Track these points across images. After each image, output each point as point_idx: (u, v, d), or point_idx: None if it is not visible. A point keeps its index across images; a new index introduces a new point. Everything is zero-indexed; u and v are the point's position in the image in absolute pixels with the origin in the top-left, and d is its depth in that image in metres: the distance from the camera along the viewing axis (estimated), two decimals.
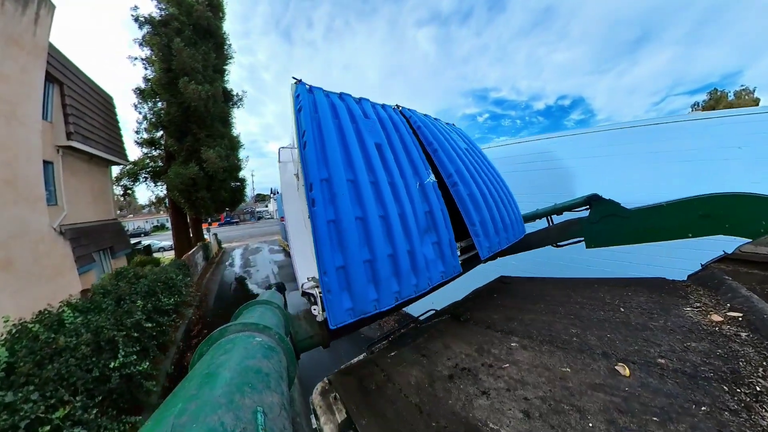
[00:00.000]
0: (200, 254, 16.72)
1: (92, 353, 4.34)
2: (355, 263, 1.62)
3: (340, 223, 1.64)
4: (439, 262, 2.00)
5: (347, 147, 1.92)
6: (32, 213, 8.59)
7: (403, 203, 1.94)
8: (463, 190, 2.31)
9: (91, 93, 13.33)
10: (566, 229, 2.47)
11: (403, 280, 1.78)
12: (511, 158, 5.82)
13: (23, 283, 7.52)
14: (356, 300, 1.61)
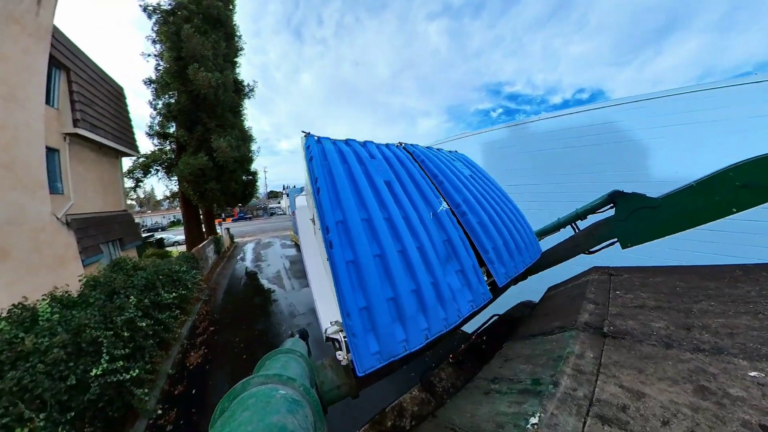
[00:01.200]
0: (211, 248, 16.29)
1: (69, 357, 3.65)
2: (378, 302, 1.57)
3: (359, 262, 1.63)
4: (466, 290, 1.91)
5: (358, 188, 1.95)
6: (32, 200, 8.15)
7: (419, 235, 1.92)
8: (473, 219, 2.29)
9: (100, 81, 12.96)
10: (594, 232, 2.25)
11: (430, 315, 1.69)
12: (562, 132, 4.83)
13: (21, 273, 7.05)
14: (383, 342, 1.51)
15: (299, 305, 9.43)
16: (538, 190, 5.14)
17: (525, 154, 5.31)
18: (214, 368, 6.27)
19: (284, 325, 8.03)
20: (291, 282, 12.16)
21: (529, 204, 5.15)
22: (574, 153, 4.68)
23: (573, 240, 2.41)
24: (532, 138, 5.18)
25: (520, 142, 5.40)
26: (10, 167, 7.65)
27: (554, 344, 1.29)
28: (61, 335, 3.66)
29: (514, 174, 5.47)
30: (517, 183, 5.41)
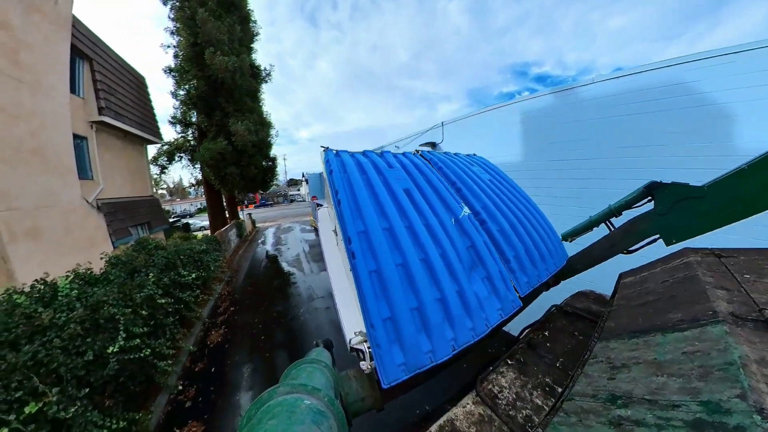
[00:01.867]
0: (233, 231, 16.69)
1: (86, 333, 3.67)
2: (402, 312, 1.54)
3: (382, 272, 1.61)
4: (494, 298, 1.85)
5: (378, 198, 1.96)
6: (62, 184, 8.50)
7: (441, 242, 1.88)
8: (493, 227, 2.23)
9: (121, 71, 13.24)
10: (632, 229, 2.05)
11: (456, 324, 1.62)
12: (621, 97, 4.04)
13: (53, 253, 7.41)
14: (408, 353, 1.47)
15: (318, 288, 9.40)
16: (589, 165, 4.44)
17: (574, 124, 4.58)
18: (232, 348, 6.34)
19: (302, 308, 8.02)
20: (310, 265, 12.20)
21: (579, 183, 4.54)
22: (637, 121, 3.92)
23: (609, 239, 2.20)
24: (583, 105, 4.45)
25: (568, 110, 4.65)
26: (40, 153, 7.95)
27: (697, 344, 0.90)
28: (78, 311, 3.67)
29: (560, 148, 4.79)
30: (565, 158, 4.72)
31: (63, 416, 2.81)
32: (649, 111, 3.77)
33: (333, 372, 1.42)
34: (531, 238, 2.37)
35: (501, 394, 1.32)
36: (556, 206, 4.81)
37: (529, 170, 5.24)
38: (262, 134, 15.23)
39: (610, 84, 4.14)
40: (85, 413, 3.16)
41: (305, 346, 6.17)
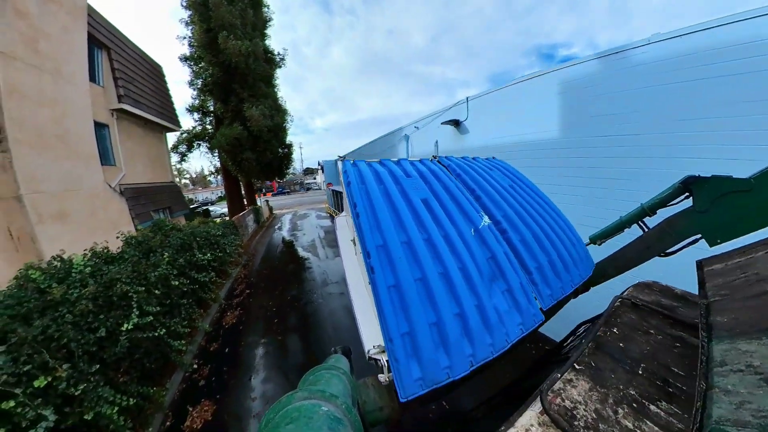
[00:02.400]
0: (251, 217, 16.96)
1: (99, 309, 3.69)
2: (420, 327, 1.52)
3: (401, 286, 1.60)
4: (515, 312, 1.75)
5: (396, 209, 1.94)
6: (86, 169, 8.76)
7: (461, 254, 1.82)
8: (514, 237, 2.12)
9: (139, 60, 13.45)
10: (668, 229, 1.82)
11: (475, 340, 1.57)
12: (682, 60, 3.37)
13: (79, 235, 7.68)
14: (426, 368, 1.46)
15: (332, 274, 9.35)
16: (640, 142, 3.77)
17: (623, 94, 3.91)
18: (246, 329, 6.39)
19: (316, 292, 7.98)
20: (325, 251, 12.19)
21: (627, 163, 3.90)
22: (702, 89, 3.18)
23: (643, 241, 2.03)
24: (635, 72, 3.76)
25: (616, 77, 3.97)
26: (63, 139, 8.18)
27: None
28: (90, 287, 3.69)
29: (604, 122, 4.16)
30: (611, 133, 4.07)
31: (72, 392, 2.80)
32: (719, 75, 3.09)
33: (351, 379, 1.41)
34: (555, 247, 2.22)
35: (576, 412, 0.99)
36: (598, 189, 4.27)
37: (564, 148, 4.69)
38: (277, 119, 15.15)
39: (671, 44, 3.42)
40: (96, 388, 3.17)
41: (318, 330, 6.12)
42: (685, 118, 3.40)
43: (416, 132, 9.24)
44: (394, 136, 11.15)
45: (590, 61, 4.28)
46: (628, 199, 3.80)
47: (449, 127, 7.35)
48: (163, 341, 4.65)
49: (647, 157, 3.76)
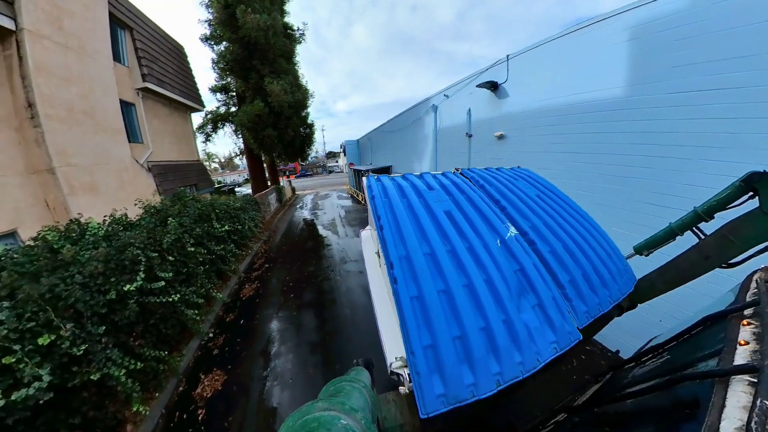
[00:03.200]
0: (273, 195, 17.16)
1: (111, 272, 3.64)
2: (443, 341, 1.44)
3: (424, 298, 1.55)
4: (547, 329, 1.58)
5: (419, 221, 1.94)
6: (113, 144, 9.02)
7: (486, 266, 1.72)
8: (544, 248, 1.97)
9: (161, 40, 13.56)
10: (731, 235, 1.54)
11: (503, 357, 1.45)
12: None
13: (108, 206, 7.93)
14: (449, 384, 1.37)
15: (350, 251, 9.16)
16: (749, 97, 2.78)
17: (724, 34, 2.89)
18: (263, 302, 6.37)
19: (334, 269, 7.82)
20: (345, 229, 12.03)
21: (723, 125, 2.97)
22: None
23: (700, 250, 1.74)
24: (744, 4, 2.74)
25: (713, 14, 2.94)
26: (91, 114, 8.40)
27: None
28: (102, 249, 3.64)
29: (694, 72, 3.15)
30: (703, 86, 3.08)
31: (75, 352, 2.73)
32: None
33: (372, 394, 1.35)
34: (589, 260, 2.02)
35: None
36: (678, 160, 3.34)
37: (633, 108, 3.74)
38: (298, 95, 14.84)
39: None
40: (104, 350, 3.12)
41: (333, 308, 5.94)
42: None
43: (446, 102, 8.52)
44: (420, 108, 10.44)
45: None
46: (721, 173, 2.96)
47: (485, 92, 6.52)
48: (177, 309, 4.66)
49: (748, 119, 2.80)
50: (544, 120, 5.11)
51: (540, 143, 5.26)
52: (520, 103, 5.73)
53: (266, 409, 3.72)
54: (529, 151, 5.58)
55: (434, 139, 9.52)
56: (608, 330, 2.46)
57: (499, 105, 6.30)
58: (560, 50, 4.77)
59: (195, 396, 3.97)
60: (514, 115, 5.88)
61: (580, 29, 4.40)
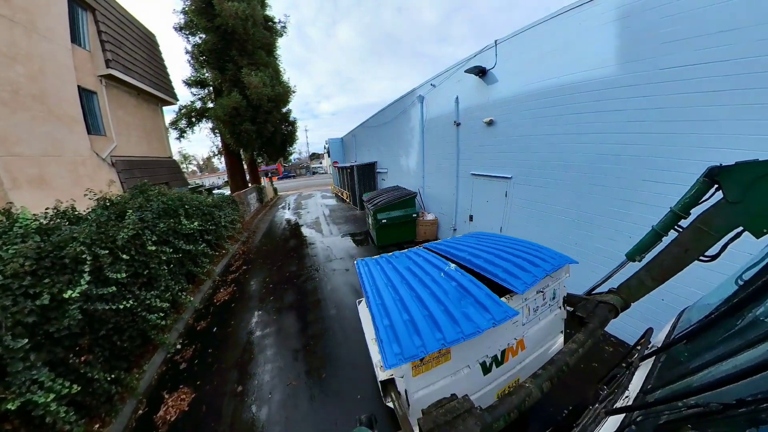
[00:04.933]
0: (254, 195, 16.29)
1: (45, 272, 2.95)
2: (398, 323, 2.15)
3: (385, 304, 2.40)
4: (484, 311, 2.12)
5: (390, 278, 2.86)
6: (69, 134, 8.06)
7: (430, 286, 2.53)
8: (477, 261, 2.84)
9: (128, 25, 12.47)
10: (704, 227, 1.70)
11: (444, 330, 1.98)
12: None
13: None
14: (403, 347, 1.92)
15: (336, 249, 8.60)
16: (735, 69, 2.75)
17: (714, 7, 2.84)
18: (239, 306, 5.71)
19: (318, 268, 7.24)
20: (329, 227, 11.43)
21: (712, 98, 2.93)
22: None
23: (679, 244, 1.83)
24: None
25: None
26: (42, 99, 7.43)
27: None
28: (32, 243, 2.95)
29: (683, 48, 3.09)
30: (692, 61, 3.00)
31: None
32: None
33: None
34: (516, 255, 2.76)
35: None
36: (671, 135, 3.30)
37: (624, 86, 3.65)
38: (279, 90, 14.13)
39: None
40: (29, 370, 2.45)
41: (318, 309, 5.37)
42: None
43: (432, 91, 8.17)
44: (405, 100, 10.06)
45: None
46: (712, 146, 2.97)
47: (472, 79, 6.29)
48: (137, 316, 3.98)
49: (735, 90, 2.77)
50: (535, 103, 4.98)
51: (531, 126, 5.14)
52: (509, 88, 5.55)
53: (241, 431, 3.13)
54: (519, 135, 5.44)
55: (421, 131, 9.18)
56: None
57: (487, 91, 6.07)
58: (548, 33, 4.64)
59: (157, 420, 3.32)
60: (503, 100, 5.71)
61: (568, 11, 4.29)
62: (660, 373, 1.53)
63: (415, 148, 9.91)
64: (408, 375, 1.96)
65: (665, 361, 1.61)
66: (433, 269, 2.81)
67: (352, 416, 3.09)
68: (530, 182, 5.30)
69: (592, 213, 4.25)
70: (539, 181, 5.08)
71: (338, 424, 3.10)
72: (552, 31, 4.56)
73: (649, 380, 1.51)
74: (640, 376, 1.59)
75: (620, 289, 2.12)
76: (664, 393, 1.29)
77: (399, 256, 3.45)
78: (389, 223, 8.39)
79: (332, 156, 23.18)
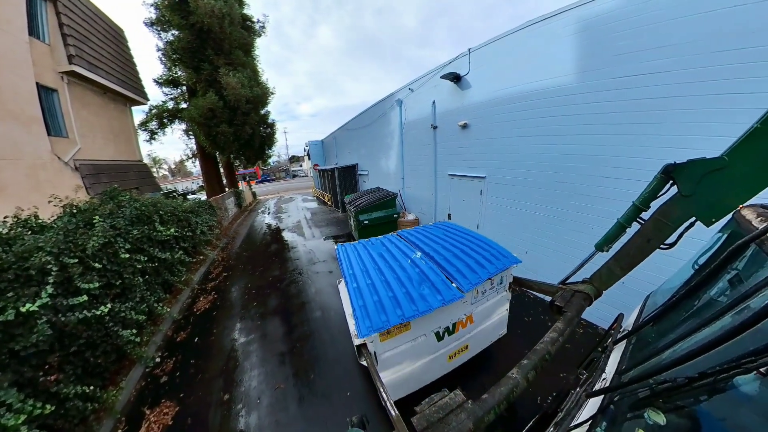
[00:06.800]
0: (231, 200, 15.76)
1: (9, 285, 2.73)
2: (370, 303, 2.67)
3: (360, 288, 2.89)
4: (436, 294, 2.69)
5: (365, 263, 3.38)
6: (27, 135, 7.45)
7: (397, 271, 3.08)
8: (439, 258, 3.27)
9: (94, 18, 11.71)
10: (663, 218, 1.85)
11: (404, 308, 2.55)
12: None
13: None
14: (373, 321, 2.45)
15: (319, 252, 8.51)
16: (672, 79, 3.16)
17: (653, 27, 3.25)
18: (221, 314, 5.51)
19: (301, 272, 7.13)
20: (312, 230, 11.28)
21: (655, 104, 3.34)
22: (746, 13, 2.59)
23: (641, 235, 1.99)
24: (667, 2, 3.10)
25: (643, 8, 3.29)
26: None
27: None
28: None
29: (632, 60, 3.47)
30: (640, 71, 3.39)
31: None
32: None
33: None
34: (469, 256, 3.24)
35: None
36: (618, 136, 3.71)
37: (585, 92, 3.99)
38: (257, 91, 13.80)
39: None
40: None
41: (302, 312, 5.29)
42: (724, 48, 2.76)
43: (411, 95, 8.33)
44: (385, 103, 10.16)
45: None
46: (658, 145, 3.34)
47: (448, 85, 6.52)
48: (110, 331, 3.74)
49: (672, 97, 3.19)
50: (504, 107, 5.32)
51: (501, 129, 5.46)
52: (481, 93, 5.86)
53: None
54: (492, 137, 5.75)
55: (400, 133, 9.36)
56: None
57: (462, 96, 6.36)
58: (517, 43, 4.96)
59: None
60: (476, 105, 6.00)
61: (533, 24, 4.62)
62: (632, 355, 1.65)
63: (394, 150, 10.04)
64: (377, 341, 2.52)
65: (636, 343, 1.73)
66: (401, 256, 3.39)
67: (343, 413, 3.10)
68: (502, 181, 5.57)
69: (559, 208, 4.55)
70: (511, 179, 5.37)
71: (328, 424, 3.09)
72: (520, 42, 4.86)
73: (623, 362, 1.63)
74: (614, 359, 1.70)
75: (593, 278, 2.23)
76: (637, 372, 1.39)
77: (374, 242, 3.99)
78: (371, 224, 8.43)
79: (313, 159, 22.88)
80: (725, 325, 1.09)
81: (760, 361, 0.81)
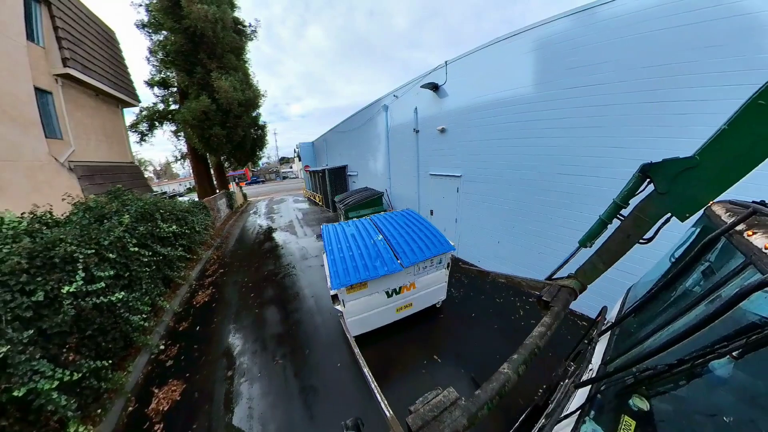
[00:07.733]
0: (223, 201, 15.95)
1: (37, 270, 3.08)
2: (342, 270, 3.82)
3: (335, 260, 4.00)
4: (384, 265, 3.89)
5: (341, 241, 4.49)
6: (25, 137, 7.65)
7: (361, 249, 4.21)
8: (393, 242, 4.34)
9: (87, 21, 11.87)
10: (641, 214, 1.92)
11: (360, 273, 3.76)
12: (638, 15, 3.43)
13: (20, 211, 6.72)
14: (341, 280, 3.66)
15: (311, 249, 8.91)
16: (609, 90, 3.81)
17: (593, 47, 3.93)
18: (219, 306, 5.88)
19: (294, 266, 7.52)
20: (304, 229, 11.65)
21: (597, 110, 4.01)
22: (663, 38, 3.25)
23: (622, 230, 2.09)
24: (603, 26, 3.76)
25: (588, 31, 3.95)
26: None
27: None
28: (26, 242, 3.07)
29: (579, 73, 4.12)
30: (585, 83, 4.05)
31: None
32: (675, 26, 3.15)
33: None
34: (414, 241, 4.32)
35: None
36: (570, 138, 4.35)
37: (545, 101, 4.61)
38: (249, 94, 14.11)
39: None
40: (29, 361, 2.62)
41: (296, 300, 5.71)
42: (645, 65, 3.42)
43: (395, 102, 8.90)
44: (372, 108, 10.71)
45: (564, 18, 4.19)
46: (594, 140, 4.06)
47: (429, 92, 7.13)
48: (119, 317, 4.08)
49: (610, 105, 3.84)
50: (477, 114, 5.95)
51: (474, 133, 6.10)
52: (457, 101, 6.48)
53: (236, 406, 3.45)
54: (467, 140, 6.35)
55: (386, 137, 9.95)
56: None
57: (440, 103, 6.99)
58: (486, 57, 5.60)
59: (149, 413, 3.50)
60: (452, 111, 6.63)
61: (499, 42, 5.26)
62: (616, 345, 1.73)
63: (381, 152, 10.59)
64: (344, 292, 3.71)
65: (619, 334, 1.83)
66: (368, 236, 4.50)
67: (333, 382, 3.55)
68: (476, 179, 6.19)
69: (524, 202, 5.19)
70: (483, 178, 6.01)
71: (319, 390, 3.60)
72: (489, 56, 5.50)
73: (608, 352, 1.71)
74: (600, 350, 1.79)
75: (577, 273, 2.27)
76: (621, 362, 1.46)
77: (350, 225, 5.04)
78: None
79: (304, 160, 23.20)
80: (700, 313, 1.14)
81: (732, 346, 0.85)
